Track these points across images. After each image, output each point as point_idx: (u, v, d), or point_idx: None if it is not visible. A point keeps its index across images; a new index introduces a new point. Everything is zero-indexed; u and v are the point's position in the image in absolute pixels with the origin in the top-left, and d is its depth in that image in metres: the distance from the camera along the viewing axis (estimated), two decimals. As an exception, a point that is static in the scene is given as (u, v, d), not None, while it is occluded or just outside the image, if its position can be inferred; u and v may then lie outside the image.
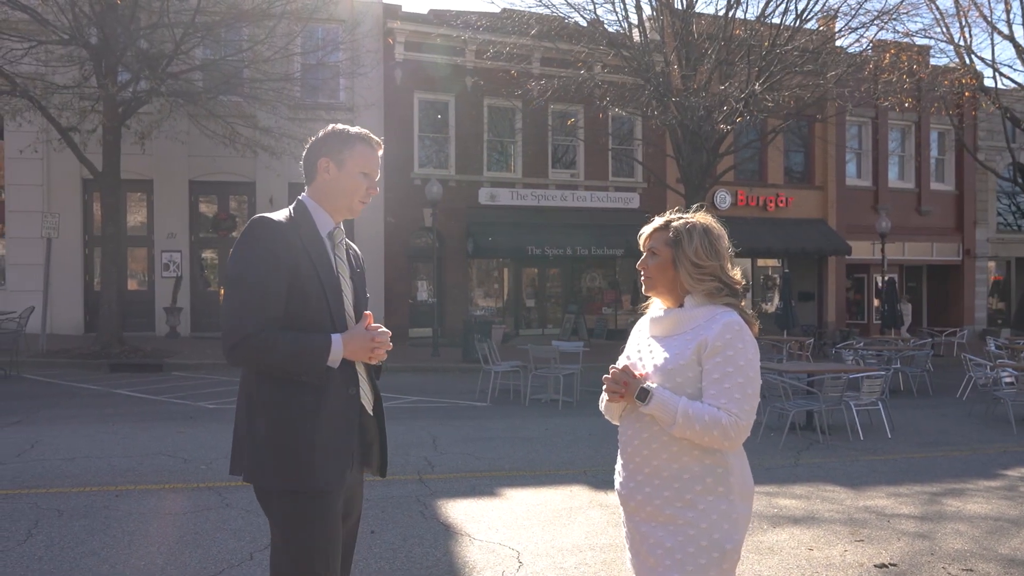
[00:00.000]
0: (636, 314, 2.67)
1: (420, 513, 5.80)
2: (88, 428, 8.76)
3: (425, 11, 20.66)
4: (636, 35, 17.40)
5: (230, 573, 4.48)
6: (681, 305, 2.43)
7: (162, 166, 18.46)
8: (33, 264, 17.03)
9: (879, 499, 6.57)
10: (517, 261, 21.74)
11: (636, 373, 2.38)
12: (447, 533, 5.36)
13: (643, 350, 2.47)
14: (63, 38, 14.11)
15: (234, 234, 19.04)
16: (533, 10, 17.57)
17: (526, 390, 11.78)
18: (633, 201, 21.72)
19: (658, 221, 2.50)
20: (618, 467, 2.51)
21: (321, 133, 2.59)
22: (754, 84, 15.70)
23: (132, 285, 19.28)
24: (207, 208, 19.93)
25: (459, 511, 5.88)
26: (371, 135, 2.60)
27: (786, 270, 21.61)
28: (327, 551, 2.39)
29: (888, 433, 9.60)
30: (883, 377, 9.82)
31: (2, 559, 4.61)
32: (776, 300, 23.39)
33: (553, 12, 17.39)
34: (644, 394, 2.29)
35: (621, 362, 2.51)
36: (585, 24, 17.65)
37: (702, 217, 2.50)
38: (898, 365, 13.92)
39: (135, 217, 19.52)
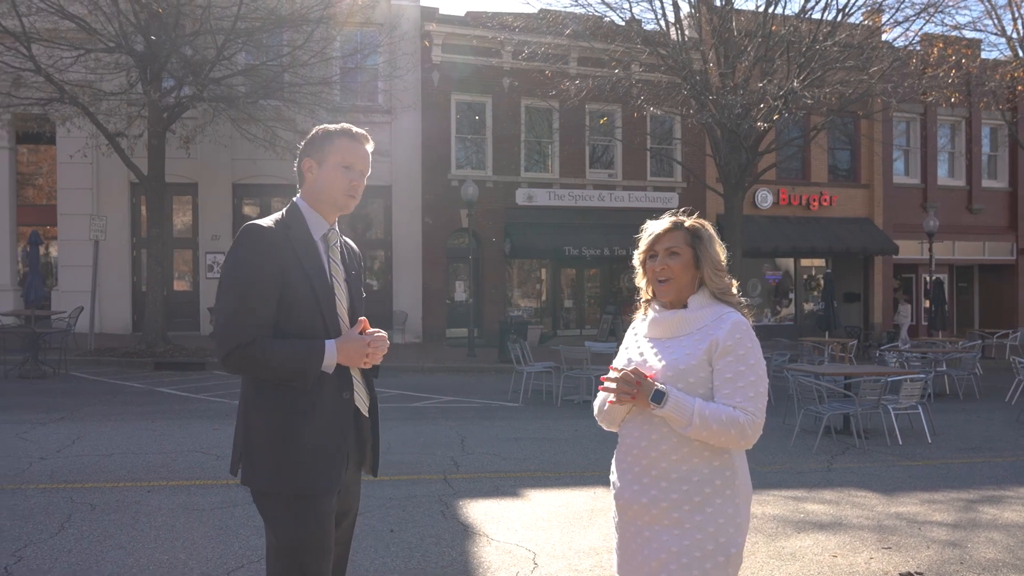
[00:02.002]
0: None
1: (441, 513, 5.83)
2: (128, 425, 9.02)
3: (462, 13, 20.76)
4: (673, 33, 17.23)
5: (249, 569, 4.57)
6: (684, 306, 2.43)
7: (206, 169, 18.90)
8: (84, 265, 17.54)
9: (912, 505, 6.40)
10: (555, 261, 21.71)
11: (647, 374, 2.35)
12: (465, 533, 5.38)
13: (645, 352, 2.45)
14: (109, 46, 14.53)
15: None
16: (569, 10, 17.54)
17: (558, 391, 11.76)
18: (672, 201, 21.50)
19: (664, 223, 2.48)
20: (618, 471, 2.49)
21: (308, 135, 2.60)
22: (793, 81, 15.40)
23: (178, 286, 19.77)
24: (250, 210, 20.32)
25: (480, 511, 5.90)
26: (353, 128, 2.58)
27: (828, 270, 21.17)
28: (318, 553, 2.41)
29: (928, 438, 9.35)
30: (923, 380, 9.56)
31: (33, 551, 4.77)
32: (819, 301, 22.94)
33: (589, 12, 17.32)
34: (660, 396, 2.27)
35: (622, 365, 2.49)
36: (622, 23, 17.54)
37: (700, 221, 2.51)
38: (944, 368, 13.54)
39: (181, 219, 20.02)
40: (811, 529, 5.69)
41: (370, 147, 2.61)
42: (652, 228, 2.49)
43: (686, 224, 2.45)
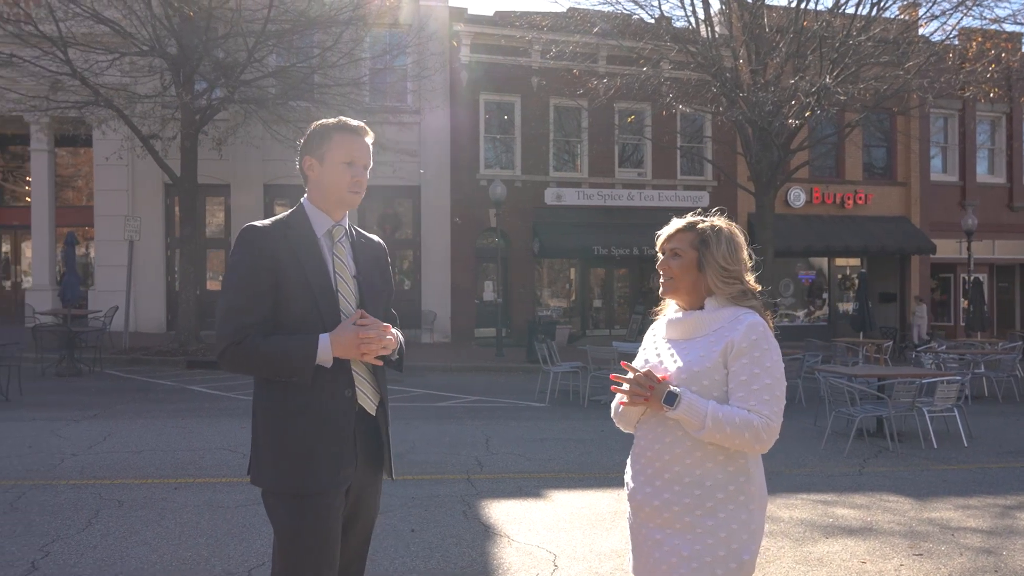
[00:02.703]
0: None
1: (463, 513, 5.81)
2: (159, 422, 9.15)
3: (490, 13, 20.76)
4: (703, 30, 17.04)
5: (270, 567, 4.58)
6: (701, 308, 2.40)
7: (238, 170, 19.12)
8: (119, 265, 17.86)
9: (945, 511, 6.24)
10: (584, 261, 21.61)
11: (660, 376, 2.33)
12: (486, 534, 5.36)
13: (662, 353, 2.43)
14: (143, 50, 14.77)
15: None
16: (598, 8, 17.44)
17: (585, 391, 11.70)
18: (703, 200, 21.28)
19: (679, 222, 2.47)
20: (631, 472, 2.46)
21: (306, 133, 2.58)
22: (825, 77, 15.13)
23: (211, 285, 20.01)
24: (281, 210, 19.80)
25: (502, 512, 5.87)
26: (350, 122, 2.55)
27: (863, 270, 20.78)
28: (320, 553, 2.39)
29: (964, 441, 9.11)
30: (959, 382, 9.32)
31: (60, 546, 4.85)
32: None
33: (618, 10, 17.19)
34: (672, 398, 2.24)
35: (638, 366, 2.46)
36: (651, 21, 17.39)
37: (725, 222, 2.47)
38: (982, 369, 13.20)
39: (213, 220, 20.29)
40: (840, 534, 5.57)
41: (370, 139, 2.58)
42: (666, 228, 2.49)
43: (698, 226, 2.41)
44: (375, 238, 2.75)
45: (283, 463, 2.39)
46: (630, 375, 2.34)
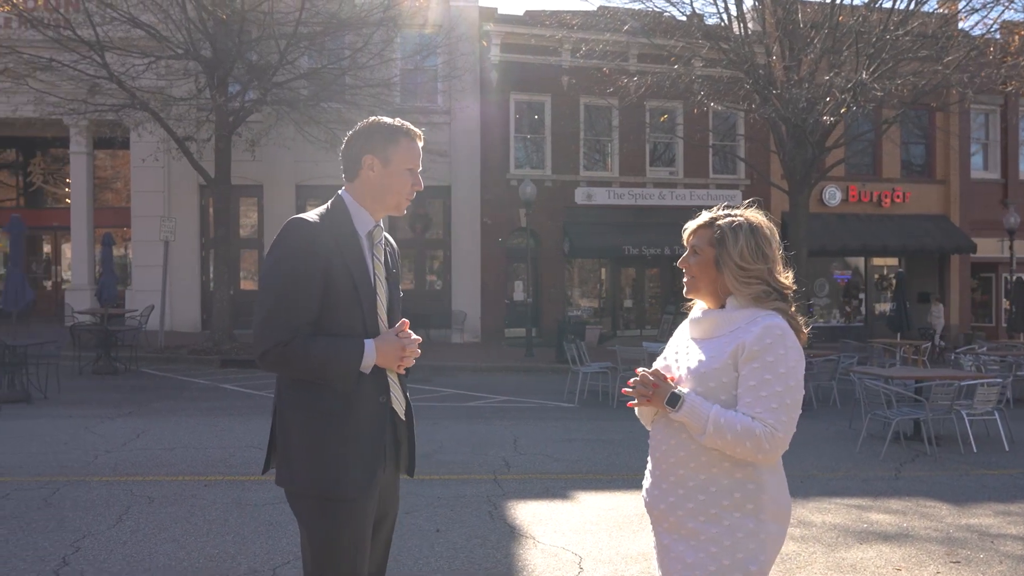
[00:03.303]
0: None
1: (488, 514, 5.79)
2: (191, 420, 9.27)
3: (521, 12, 20.73)
4: (736, 27, 16.83)
5: (295, 565, 4.61)
6: (722, 306, 2.31)
7: (271, 171, 19.31)
8: (156, 265, 18.12)
9: (984, 517, 6.06)
10: (614, 261, 21.48)
11: (668, 376, 2.27)
12: (512, 535, 5.32)
13: (680, 352, 2.37)
14: (178, 53, 15.00)
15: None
16: (628, 6, 17.35)
17: (614, 392, 11.61)
18: (736, 199, 20.58)
19: (703, 217, 2.37)
20: (647, 469, 2.42)
21: (361, 127, 2.52)
22: (861, 73, 14.83)
23: (245, 285, 20.24)
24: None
25: (528, 513, 5.83)
26: (413, 128, 2.53)
27: (901, 269, 20.36)
28: (353, 556, 2.38)
29: (1005, 445, 8.86)
30: (1000, 385, 9.06)
31: (91, 542, 4.91)
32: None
33: (649, 7, 17.04)
34: (675, 399, 2.18)
35: (658, 364, 2.41)
36: (683, 18, 17.21)
37: (752, 215, 2.34)
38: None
39: (247, 220, 20.53)
40: (874, 540, 5.44)
41: (422, 144, 2.58)
42: (691, 221, 2.40)
43: (717, 222, 2.31)
44: (391, 239, 2.74)
45: (322, 467, 2.35)
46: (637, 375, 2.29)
